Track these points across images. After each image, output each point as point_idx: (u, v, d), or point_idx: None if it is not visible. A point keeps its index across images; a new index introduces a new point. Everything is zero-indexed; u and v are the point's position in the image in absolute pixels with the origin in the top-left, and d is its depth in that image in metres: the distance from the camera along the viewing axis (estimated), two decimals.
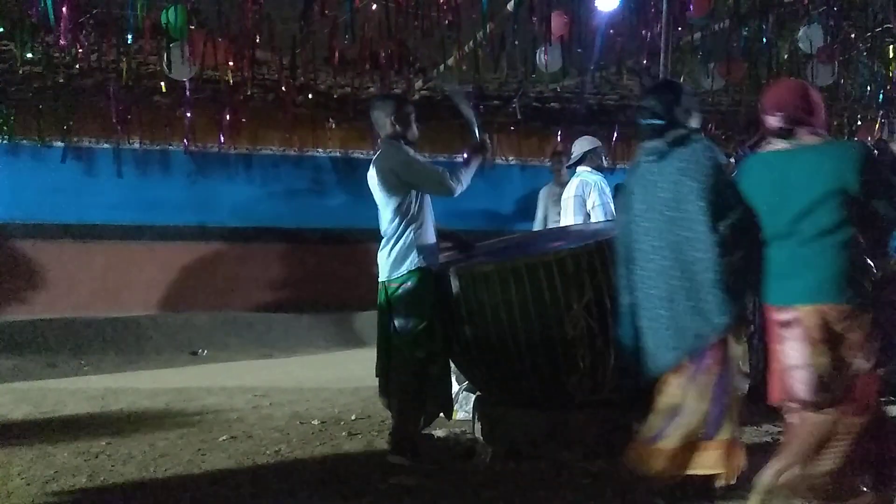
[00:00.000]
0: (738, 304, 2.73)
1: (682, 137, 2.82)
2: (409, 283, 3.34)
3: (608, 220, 4.42)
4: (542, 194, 7.09)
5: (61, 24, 5.58)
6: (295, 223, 7.61)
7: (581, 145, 4.92)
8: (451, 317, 3.42)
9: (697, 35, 6.56)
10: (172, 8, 5.23)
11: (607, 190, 4.74)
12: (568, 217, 4.78)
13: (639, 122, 2.99)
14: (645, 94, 3.14)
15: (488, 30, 6.03)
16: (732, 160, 5.45)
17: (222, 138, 7.36)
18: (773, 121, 2.65)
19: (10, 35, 6.31)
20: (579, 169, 4.86)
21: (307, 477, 3.21)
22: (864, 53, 7.02)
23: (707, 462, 2.70)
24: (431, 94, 7.69)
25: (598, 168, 4.87)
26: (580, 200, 4.70)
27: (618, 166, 5.06)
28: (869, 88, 7.54)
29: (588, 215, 4.65)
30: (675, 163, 2.79)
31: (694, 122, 2.94)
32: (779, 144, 2.66)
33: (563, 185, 6.98)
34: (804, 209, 2.50)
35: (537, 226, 7.06)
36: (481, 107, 7.65)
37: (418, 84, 7.54)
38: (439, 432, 3.82)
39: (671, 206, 2.76)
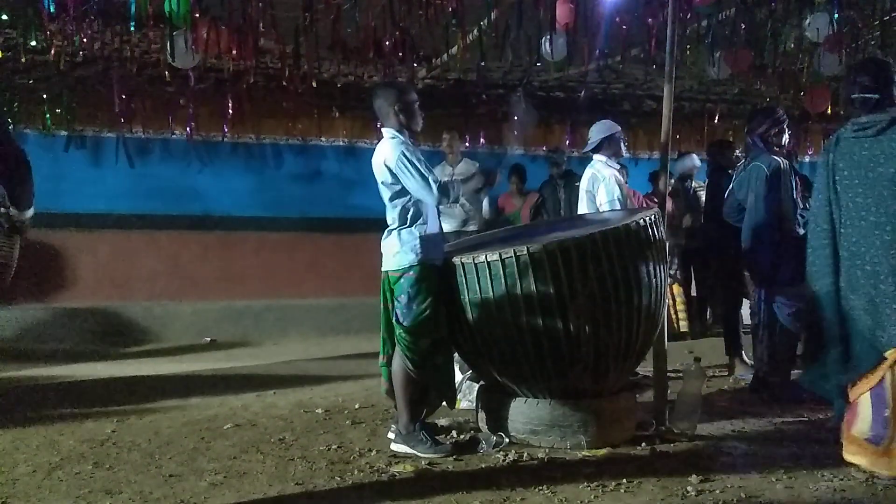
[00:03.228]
0: None
1: None
2: (411, 273, 3.33)
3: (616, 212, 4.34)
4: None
5: (65, 13, 5.56)
6: (299, 212, 7.62)
7: (598, 130, 4.50)
8: (455, 306, 3.43)
9: (704, 23, 6.50)
10: None
11: (616, 186, 4.39)
12: (582, 210, 4.55)
13: (849, 96, 3.03)
14: (856, 70, 3.15)
15: (493, 17, 5.99)
16: (741, 153, 5.38)
17: (226, 127, 7.36)
18: None
19: (14, 23, 6.29)
20: (595, 157, 4.52)
21: (311, 465, 3.22)
22: (872, 43, 6.96)
23: None
24: (435, 83, 7.66)
25: (616, 156, 4.51)
26: (590, 196, 4.44)
27: (625, 154, 4.83)
28: None
29: (598, 212, 4.38)
30: None
31: None
32: None
33: (453, 164, 6.64)
34: None
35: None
36: (484, 96, 7.62)
37: (422, 73, 7.51)
38: (443, 421, 3.83)
39: None
